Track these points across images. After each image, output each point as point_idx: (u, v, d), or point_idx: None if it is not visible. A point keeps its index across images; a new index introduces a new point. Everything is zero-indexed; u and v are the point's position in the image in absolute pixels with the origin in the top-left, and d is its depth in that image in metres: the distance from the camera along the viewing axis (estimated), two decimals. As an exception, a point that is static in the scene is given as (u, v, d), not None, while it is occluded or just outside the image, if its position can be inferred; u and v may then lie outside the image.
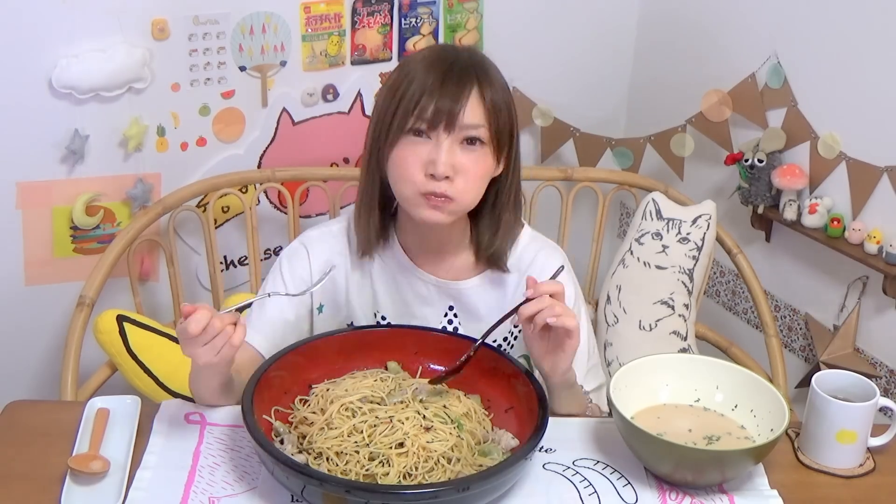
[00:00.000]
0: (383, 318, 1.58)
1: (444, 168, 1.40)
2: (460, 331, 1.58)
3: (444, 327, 1.58)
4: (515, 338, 1.61)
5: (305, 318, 1.59)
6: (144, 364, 1.99)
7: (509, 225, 1.53)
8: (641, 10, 2.61)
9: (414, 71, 1.43)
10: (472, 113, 1.41)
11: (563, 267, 1.49)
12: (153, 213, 2.11)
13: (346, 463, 1.27)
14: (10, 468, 1.35)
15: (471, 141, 1.42)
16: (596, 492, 1.33)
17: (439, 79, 1.41)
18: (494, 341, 1.58)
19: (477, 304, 1.56)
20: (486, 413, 1.42)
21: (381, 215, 1.53)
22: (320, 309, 1.59)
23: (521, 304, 1.37)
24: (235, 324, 1.30)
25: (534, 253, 1.57)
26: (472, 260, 1.56)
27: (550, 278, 1.43)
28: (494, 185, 1.50)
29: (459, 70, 1.42)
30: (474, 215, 1.53)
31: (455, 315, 1.59)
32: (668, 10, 2.54)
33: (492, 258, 1.54)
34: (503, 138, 1.45)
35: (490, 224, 1.53)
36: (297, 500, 1.29)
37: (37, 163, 2.06)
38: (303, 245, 1.59)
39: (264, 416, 1.35)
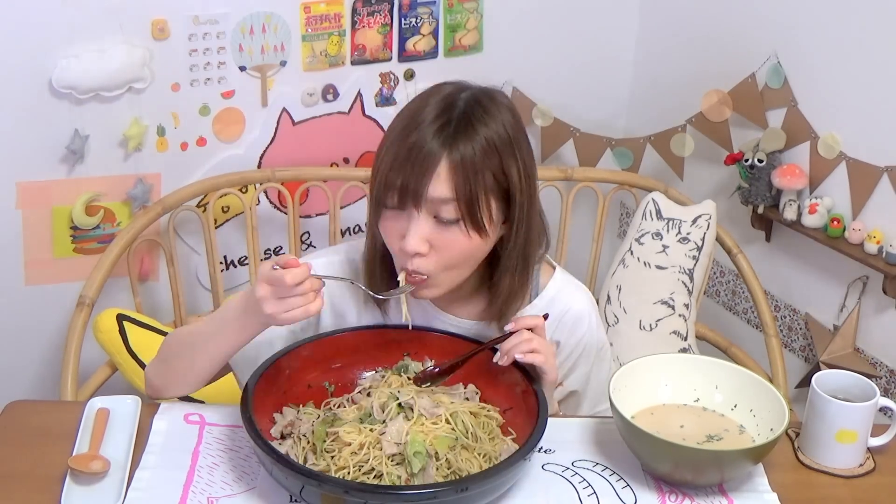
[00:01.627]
0: None
1: (413, 245, 1.32)
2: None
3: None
4: None
5: (290, 342, 1.49)
6: (144, 364, 1.99)
7: (513, 291, 1.44)
8: (641, 10, 2.61)
9: (401, 128, 1.34)
10: (437, 187, 1.30)
11: (547, 315, 1.45)
12: (153, 213, 2.11)
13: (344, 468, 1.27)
14: (10, 468, 1.35)
15: (440, 219, 1.33)
16: (595, 493, 1.33)
17: (407, 149, 1.31)
18: None
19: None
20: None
21: (388, 266, 1.44)
22: (326, 333, 1.51)
23: (502, 337, 1.40)
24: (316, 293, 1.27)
25: (565, 300, 1.52)
26: (486, 304, 1.50)
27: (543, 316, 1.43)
28: (499, 249, 1.41)
29: (431, 138, 1.30)
30: (491, 265, 1.45)
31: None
32: (668, 11, 2.54)
33: (497, 319, 1.47)
34: (482, 209, 1.32)
35: (495, 286, 1.44)
36: (295, 501, 1.29)
37: (37, 163, 2.06)
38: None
39: (276, 413, 1.34)
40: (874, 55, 2.03)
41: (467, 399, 1.41)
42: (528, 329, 1.39)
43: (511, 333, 1.40)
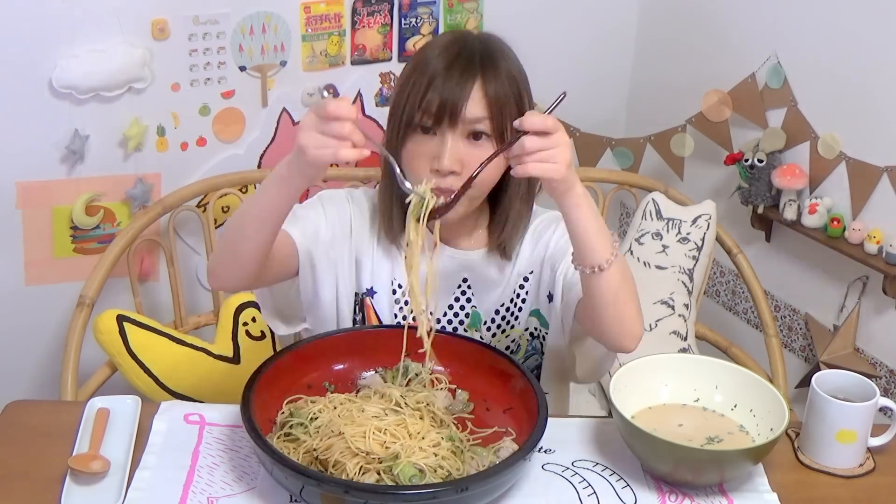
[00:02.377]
0: (400, 286, 1.57)
1: (449, 163, 1.41)
2: (473, 301, 1.58)
3: (458, 297, 1.58)
4: (514, 315, 1.60)
5: (333, 247, 1.53)
6: (144, 364, 1.99)
7: (520, 215, 1.54)
8: (641, 10, 2.61)
9: (423, 64, 1.45)
10: (475, 107, 1.42)
11: (564, 93, 1.42)
12: (153, 213, 2.11)
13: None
14: (10, 468, 1.35)
15: (475, 135, 1.43)
16: (595, 493, 1.33)
17: (443, 74, 1.42)
18: (497, 317, 1.59)
19: (490, 273, 1.57)
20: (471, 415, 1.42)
21: (401, 201, 1.46)
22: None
23: (509, 144, 1.30)
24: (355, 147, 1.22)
25: (545, 224, 1.58)
26: (487, 234, 1.58)
27: (550, 107, 1.37)
28: (507, 177, 1.49)
29: (464, 63, 1.43)
30: (492, 200, 1.54)
31: (469, 287, 1.59)
32: (668, 10, 2.54)
33: (500, 247, 1.55)
34: (508, 132, 1.44)
35: (501, 213, 1.54)
36: (295, 501, 1.29)
37: (37, 163, 2.06)
38: (346, 197, 1.59)
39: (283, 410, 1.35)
40: (874, 55, 2.03)
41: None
42: (539, 133, 1.28)
43: (521, 135, 1.29)
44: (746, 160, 2.26)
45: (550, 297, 1.56)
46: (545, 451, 1.40)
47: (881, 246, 2.04)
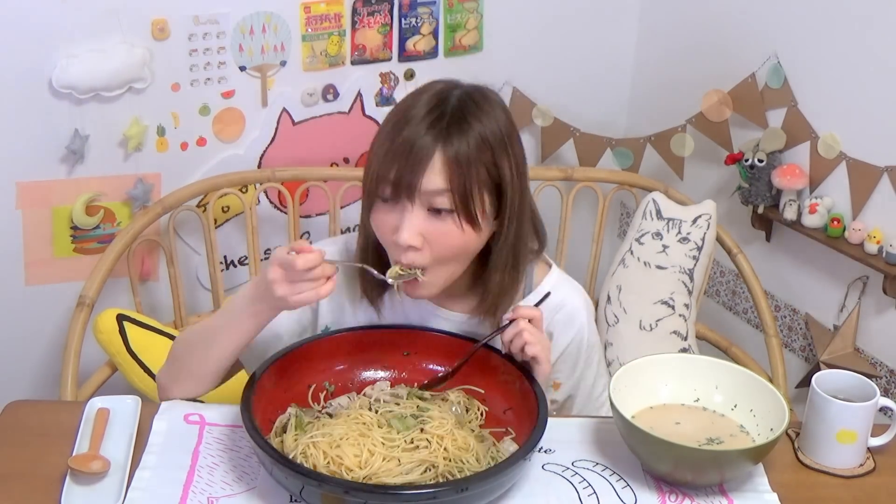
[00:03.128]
0: None
1: (407, 237, 1.33)
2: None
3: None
4: None
5: (297, 335, 1.51)
6: (144, 364, 1.99)
7: (503, 286, 1.45)
8: (642, 11, 2.61)
9: (395, 123, 1.35)
10: (433, 180, 1.31)
11: (548, 294, 1.47)
12: (153, 213, 2.11)
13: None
14: (10, 468, 1.35)
15: (436, 211, 1.34)
16: (595, 493, 1.33)
17: (404, 143, 1.32)
18: None
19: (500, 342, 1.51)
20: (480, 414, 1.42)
21: (382, 262, 1.44)
22: (325, 330, 1.53)
23: (499, 330, 1.41)
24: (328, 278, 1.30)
25: (560, 297, 1.52)
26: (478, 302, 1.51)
27: (537, 304, 1.45)
28: (490, 245, 1.42)
29: (425, 129, 1.32)
30: (483, 262, 1.46)
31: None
32: (668, 11, 2.54)
33: (488, 314, 1.47)
34: (480, 202, 1.34)
35: (483, 283, 1.45)
36: (295, 501, 1.29)
37: (37, 163, 2.06)
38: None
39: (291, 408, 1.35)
40: (874, 55, 2.03)
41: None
42: (527, 319, 1.39)
43: (509, 323, 1.40)
44: (746, 160, 2.26)
45: None
46: (545, 451, 1.40)
47: (881, 246, 2.04)
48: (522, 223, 1.42)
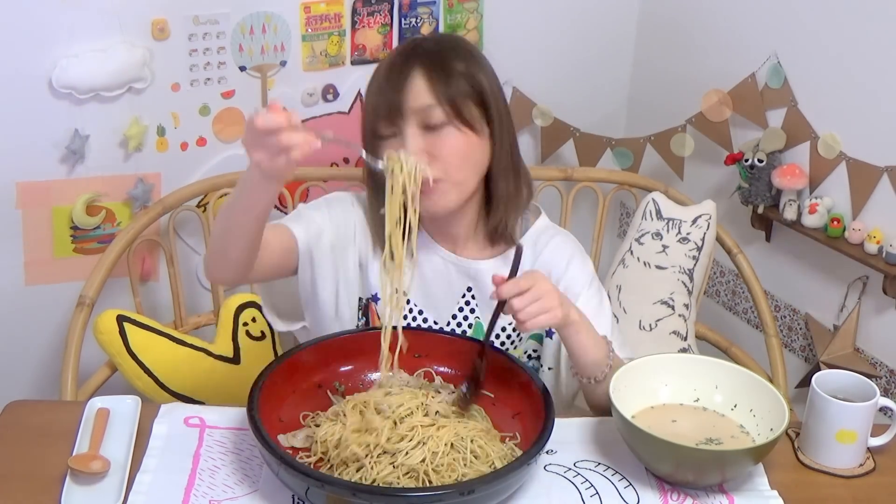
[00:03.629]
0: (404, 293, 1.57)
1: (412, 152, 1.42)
2: (477, 312, 1.59)
3: (461, 308, 1.58)
4: (519, 335, 1.61)
5: (336, 250, 1.55)
6: (144, 364, 1.99)
7: (509, 195, 1.54)
8: (641, 11, 2.61)
9: (375, 74, 1.50)
10: (418, 96, 1.43)
11: (520, 247, 1.45)
12: (153, 213, 2.11)
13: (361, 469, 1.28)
14: (10, 468, 1.35)
15: (431, 126, 1.44)
16: (597, 493, 1.33)
17: (384, 75, 1.46)
18: (503, 334, 1.59)
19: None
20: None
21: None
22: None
23: (498, 311, 1.39)
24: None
25: (548, 238, 1.61)
26: (489, 240, 1.58)
27: (512, 268, 1.40)
28: (491, 164, 1.52)
29: (402, 60, 1.45)
30: (486, 196, 1.55)
31: (472, 297, 1.59)
32: (668, 10, 2.54)
33: (498, 232, 1.55)
34: (469, 111, 1.45)
35: (497, 204, 1.54)
36: (299, 502, 1.29)
37: (37, 163, 2.06)
38: (352, 199, 1.61)
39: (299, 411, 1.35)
40: (874, 55, 2.03)
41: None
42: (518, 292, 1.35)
43: (501, 306, 1.37)
44: (746, 160, 2.26)
45: (547, 334, 1.58)
46: (547, 452, 1.40)
47: (881, 246, 2.04)
48: (512, 133, 1.54)
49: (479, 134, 1.48)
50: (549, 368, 1.59)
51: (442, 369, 1.48)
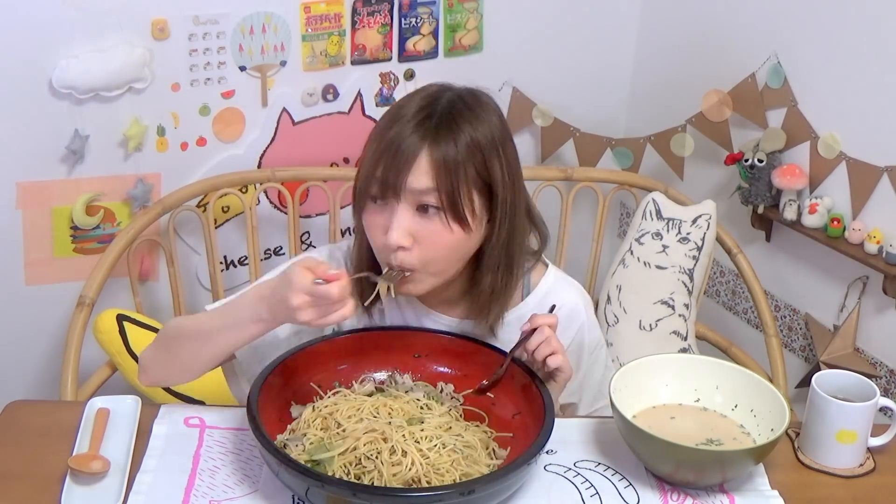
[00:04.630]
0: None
1: (396, 237, 1.33)
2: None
3: None
4: None
5: (295, 335, 1.50)
6: (144, 364, 1.99)
7: (496, 290, 1.44)
8: (642, 11, 2.61)
9: (386, 124, 1.37)
10: (419, 178, 1.32)
11: (554, 306, 1.48)
12: (153, 213, 2.11)
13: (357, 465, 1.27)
14: (10, 468, 1.35)
15: (423, 208, 1.34)
16: (597, 493, 1.33)
17: (392, 141, 1.33)
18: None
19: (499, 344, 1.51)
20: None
21: (375, 264, 1.44)
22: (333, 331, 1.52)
23: (526, 337, 1.40)
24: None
25: (557, 296, 1.52)
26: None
27: (550, 311, 1.45)
28: (483, 248, 1.42)
29: (413, 129, 1.33)
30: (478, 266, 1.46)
31: None
32: (668, 11, 2.54)
33: (481, 318, 1.47)
34: (463, 203, 1.33)
35: (477, 286, 1.44)
36: (299, 501, 1.29)
37: (37, 163, 2.06)
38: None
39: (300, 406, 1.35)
40: (874, 55, 2.03)
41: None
42: (548, 326, 1.39)
43: (531, 332, 1.40)
44: (746, 160, 2.26)
45: None
46: (547, 452, 1.40)
47: (881, 246, 2.04)
48: (515, 225, 1.41)
49: (470, 229, 1.36)
50: None
51: (442, 369, 1.48)
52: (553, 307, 1.47)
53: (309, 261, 1.28)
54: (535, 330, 1.40)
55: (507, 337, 1.48)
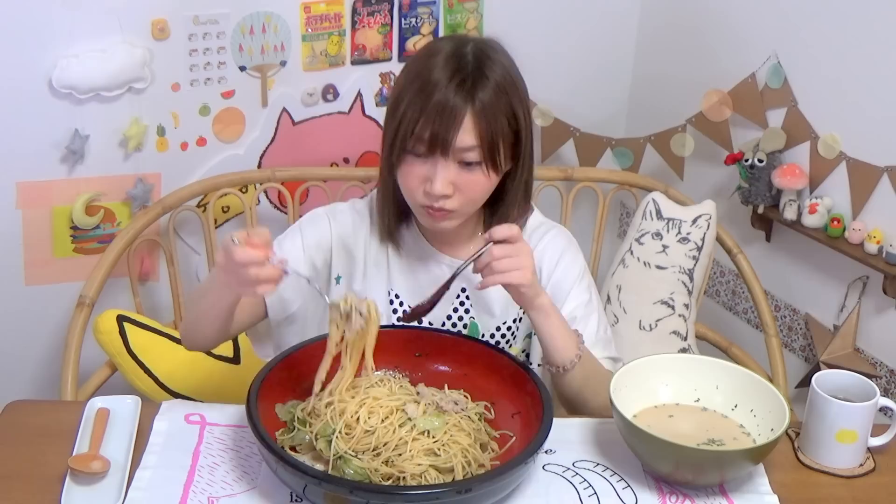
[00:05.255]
0: (397, 296, 1.60)
1: (441, 188, 1.44)
2: (471, 312, 1.60)
3: (456, 308, 1.59)
4: (513, 334, 1.61)
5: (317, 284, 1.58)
6: (144, 364, 1.99)
7: (514, 218, 1.56)
8: (642, 11, 2.61)
9: (418, 81, 1.45)
10: (465, 137, 1.43)
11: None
12: (153, 213, 2.11)
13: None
14: (10, 468, 1.35)
15: (465, 163, 1.45)
16: (595, 493, 1.33)
17: (435, 102, 1.42)
18: (497, 333, 1.59)
19: (489, 290, 1.55)
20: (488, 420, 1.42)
21: (398, 209, 1.57)
22: (338, 280, 1.62)
23: (480, 252, 1.41)
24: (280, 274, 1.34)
25: (541, 234, 1.63)
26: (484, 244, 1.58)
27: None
28: (504, 181, 1.53)
29: (455, 88, 1.42)
30: (488, 205, 1.57)
31: (467, 297, 1.60)
32: (668, 11, 2.54)
33: None
34: (502, 150, 1.47)
35: (499, 218, 1.56)
36: (296, 500, 1.29)
37: (37, 163, 2.06)
38: (326, 215, 1.63)
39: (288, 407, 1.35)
40: (874, 55, 2.03)
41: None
42: (503, 241, 1.40)
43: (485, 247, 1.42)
44: (746, 160, 2.26)
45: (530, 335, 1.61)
46: (546, 452, 1.40)
47: (881, 246, 2.04)
48: (528, 164, 1.55)
49: (502, 171, 1.50)
50: (539, 365, 1.59)
51: (442, 368, 1.48)
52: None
53: (255, 232, 1.36)
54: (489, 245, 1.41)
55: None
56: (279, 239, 1.62)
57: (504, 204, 1.56)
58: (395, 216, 1.58)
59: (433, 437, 1.30)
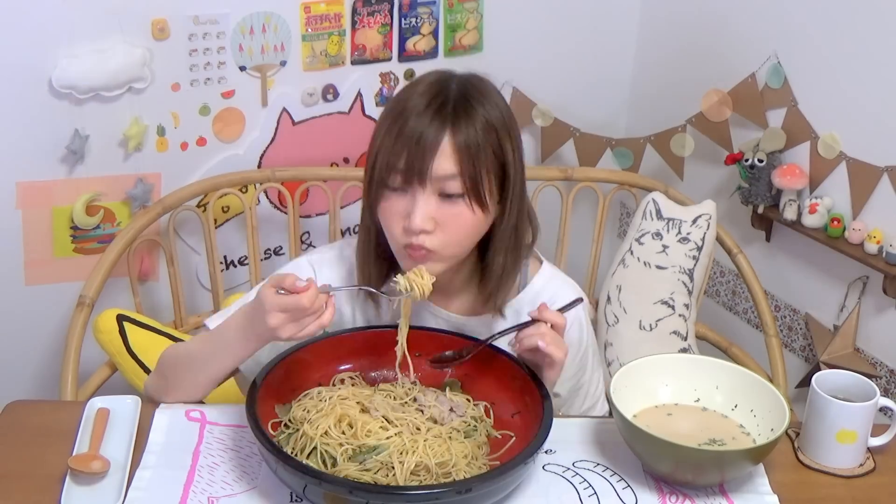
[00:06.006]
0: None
1: (420, 223, 1.36)
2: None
3: None
4: None
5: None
6: (144, 364, 1.99)
7: (506, 269, 1.47)
8: (642, 11, 2.61)
9: (396, 115, 1.37)
10: (444, 165, 1.35)
11: (580, 300, 1.49)
12: (153, 213, 2.11)
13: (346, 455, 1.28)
14: (10, 468, 1.35)
15: (446, 195, 1.37)
16: (595, 493, 1.33)
17: (411, 131, 1.35)
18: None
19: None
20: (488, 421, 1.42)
21: (382, 261, 1.48)
22: (325, 333, 1.52)
23: (524, 325, 1.40)
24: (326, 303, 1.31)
25: (552, 292, 1.53)
26: (481, 300, 1.52)
27: (561, 309, 1.44)
28: (493, 229, 1.44)
29: (431, 116, 1.35)
30: (482, 255, 1.49)
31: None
32: (668, 11, 2.54)
33: (489, 303, 1.49)
34: (486, 183, 1.37)
35: (487, 269, 1.47)
36: (296, 500, 1.29)
37: (37, 163, 2.06)
38: (310, 265, 1.54)
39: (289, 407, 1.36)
40: (874, 55, 2.03)
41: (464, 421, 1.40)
42: (550, 324, 1.39)
43: (532, 322, 1.40)
44: (746, 160, 2.26)
45: None
46: (546, 452, 1.40)
47: (881, 246, 2.04)
48: (523, 205, 1.46)
49: (488, 210, 1.40)
50: None
51: (442, 368, 1.48)
52: (570, 305, 1.46)
53: (274, 279, 1.31)
54: (535, 321, 1.39)
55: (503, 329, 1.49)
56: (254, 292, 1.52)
57: (491, 252, 1.45)
58: (378, 268, 1.47)
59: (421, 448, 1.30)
